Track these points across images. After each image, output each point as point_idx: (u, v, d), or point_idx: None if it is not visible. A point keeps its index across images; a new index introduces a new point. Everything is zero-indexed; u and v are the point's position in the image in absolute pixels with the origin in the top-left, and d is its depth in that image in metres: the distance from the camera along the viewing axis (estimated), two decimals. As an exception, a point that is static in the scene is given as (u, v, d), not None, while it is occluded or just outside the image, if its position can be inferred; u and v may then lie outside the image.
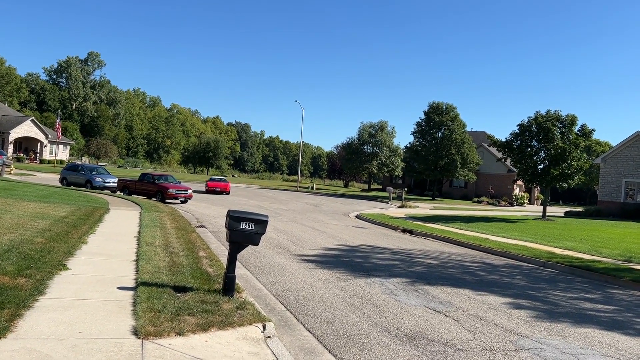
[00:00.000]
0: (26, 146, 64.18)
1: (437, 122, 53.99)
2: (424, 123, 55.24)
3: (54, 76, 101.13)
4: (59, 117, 64.74)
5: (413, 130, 56.39)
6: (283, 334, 6.36)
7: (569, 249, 16.57)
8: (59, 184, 30.52)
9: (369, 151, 66.55)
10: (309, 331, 6.58)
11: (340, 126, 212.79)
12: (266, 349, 5.52)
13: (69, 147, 72.87)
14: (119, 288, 7.04)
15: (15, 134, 60.04)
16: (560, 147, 28.76)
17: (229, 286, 7.05)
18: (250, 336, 5.77)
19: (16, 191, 20.90)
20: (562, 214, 39.14)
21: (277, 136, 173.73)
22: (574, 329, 7.52)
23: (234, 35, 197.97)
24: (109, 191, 28.67)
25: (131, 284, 7.32)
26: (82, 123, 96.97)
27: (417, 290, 9.37)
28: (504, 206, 52.11)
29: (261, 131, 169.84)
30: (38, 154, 64.34)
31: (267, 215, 7.19)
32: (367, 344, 6.16)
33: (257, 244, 7.12)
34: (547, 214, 32.72)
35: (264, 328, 6.03)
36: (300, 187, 63.18)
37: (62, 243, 9.66)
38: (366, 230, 20.77)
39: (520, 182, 54.42)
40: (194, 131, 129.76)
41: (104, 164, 64.18)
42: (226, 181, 40.01)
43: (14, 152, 59.60)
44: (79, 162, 54.75)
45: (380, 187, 71.71)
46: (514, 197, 57.02)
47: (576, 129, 30.06)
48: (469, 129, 58.84)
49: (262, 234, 7.09)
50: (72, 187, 29.35)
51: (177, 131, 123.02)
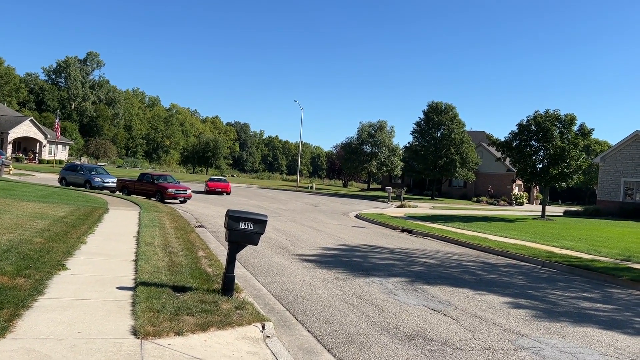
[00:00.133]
0: (25, 146, 64.14)
1: (436, 122, 54.02)
2: (423, 123, 55.27)
3: (53, 76, 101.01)
4: (58, 117, 64.65)
5: (412, 130, 56.48)
6: (282, 333, 6.36)
7: (568, 249, 16.59)
8: (58, 184, 30.51)
9: (368, 151, 66.51)
10: (308, 331, 6.58)
11: (340, 126, 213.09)
12: (265, 348, 5.52)
13: (68, 147, 72.81)
14: (118, 288, 7.04)
15: (14, 134, 60.00)
16: (559, 147, 28.79)
17: (228, 286, 7.05)
18: (250, 336, 5.77)
19: (15, 191, 20.89)
20: (561, 214, 39.18)
21: (277, 136, 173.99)
22: (573, 328, 7.53)
23: (233, 35, 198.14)
24: (108, 191, 28.65)
25: (130, 283, 7.32)
26: (81, 123, 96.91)
27: (416, 290, 9.37)
28: (503, 206, 52.13)
29: (260, 131, 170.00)
30: (37, 154, 64.29)
31: (266, 215, 7.20)
32: (366, 344, 6.17)
33: (256, 244, 7.13)
34: (546, 213, 32.75)
35: (263, 328, 6.03)
36: (299, 186, 63.18)
37: (61, 243, 9.65)
38: (365, 229, 20.78)
39: (519, 182, 54.54)
40: (193, 131, 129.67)
41: (103, 164, 64.13)
42: (226, 181, 39.43)
43: (12, 152, 59.56)
44: (78, 162, 54.74)
45: (380, 186, 71.72)
46: (513, 196, 57.04)
47: (575, 128, 30.08)
48: (468, 128, 58.86)
49: (262, 234, 7.10)
50: (71, 187, 29.34)
51: (176, 131, 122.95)
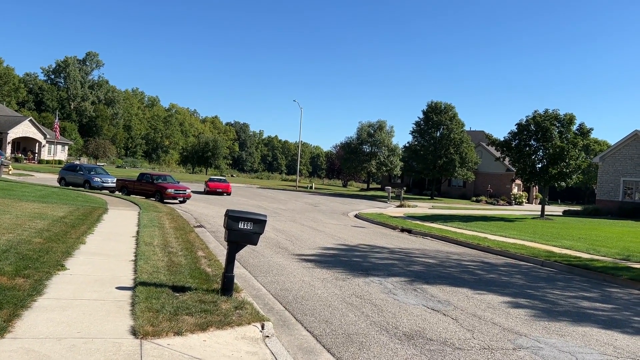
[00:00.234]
0: (24, 146, 64.10)
1: (436, 122, 54.02)
2: (422, 122, 55.27)
3: (52, 76, 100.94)
4: (57, 117, 64.62)
5: (412, 129, 56.47)
6: (282, 333, 6.36)
7: (567, 248, 16.60)
8: (58, 184, 30.49)
9: (367, 151, 66.51)
10: (307, 330, 6.58)
11: (339, 126, 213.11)
12: (265, 348, 5.52)
13: (67, 147, 72.78)
14: (118, 288, 7.04)
15: (13, 134, 59.96)
16: (559, 146, 28.81)
17: (227, 286, 7.05)
18: (249, 336, 5.77)
19: (14, 191, 20.88)
20: (561, 213, 39.19)
21: (276, 136, 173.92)
22: (572, 327, 7.53)
23: (232, 35, 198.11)
24: (107, 191, 28.64)
25: (129, 283, 7.32)
26: (81, 123, 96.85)
27: (415, 290, 9.38)
28: (503, 205, 52.13)
29: (260, 131, 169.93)
30: (36, 154, 64.26)
31: (265, 215, 7.20)
32: (365, 343, 6.17)
33: (255, 244, 7.13)
34: (546, 213, 32.77)
35: (262, 327, 6.03)
36: (299, 186, 63.17)
37: (61, 243, 9.65)
38: (365, 229, 20.78)
39: (518, 181, 54.56)
40: (193, 131, 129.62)
41: (102, 164, 64.11)
42: (227, 181, 39.11)
43: (12, 152, 59.53)
44: (77, 162, 54.70)
45: (379, 186, 71.73)
46: (513, 196, 57.06)
47: (574, 128, 30.10)
48: (467, 128, 58.87)
49: (261, 234, 7.10)
50: (70, 187, 29.32)
51: (176, 131, 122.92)
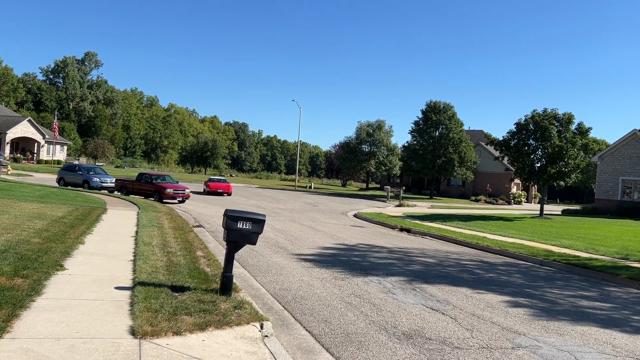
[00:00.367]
0: (23, 146, 64.03)
1: (435, 121, 54.02)
2: (421, 122, 55.26)
3: (51, 76, 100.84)
4: (56, 117, 64.61)
5: (411, 129, 56.43)
6: (281, 333, 6.37)
7: (566, 247, 16.62)
8: (56, 184, 30.46)
9: (366, 150, 66.51)
10: (306, 330, 6.58)
11: (338, 125, 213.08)
12: (264, 348, 5.52)
13: (66, 147, 72.70)
14: (116, 288, 7.03)
15: (12, 134, 59.89)
16: (557, 146, 28.84)
17: (226, 285, 7.05)
18: (248, 335, 5.77)
19: (13, 191, 20.86)
20: (560, 212, 39.21)
21: (275, 135, 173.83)
22: (571, 326, 7.54)
23: (231, 35, 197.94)
24: (106, 191, 28.61)
25: (128, 283, 7.32)
26: (80, 123, 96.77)
27: (414, 289, 9.38)
28: (502, 205, 52.16)
29: (259, 130, 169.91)
30: (35, 155, 64.18)
31: (264, 215, 7.19)
32: (364, 343, 6.17)
33: (254, 244, 7.13)
34: (545, 212, 32.79)
35: (261, 327, 6.03)
36: (298, 186, 63.17)
37: (59, 243, 9.64)
38: (364, 229, 20.79)
39: (517, 181, 54.53)
40: (192, 131, 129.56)
41: (101, 164, 64.07)
42: (227, 182, 38.54)
43: (10, 152, 59.46)
44: (76, 162, 54.68)
45: (378, 186, 71.76)
46: (512, 195, 57.09)
47: (573, 127, 30.12)
48: (466, 127, 58.91)
49: (260, 234, 7.09)
50: (69, 187, 29.30)
51: (175, 131, 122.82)
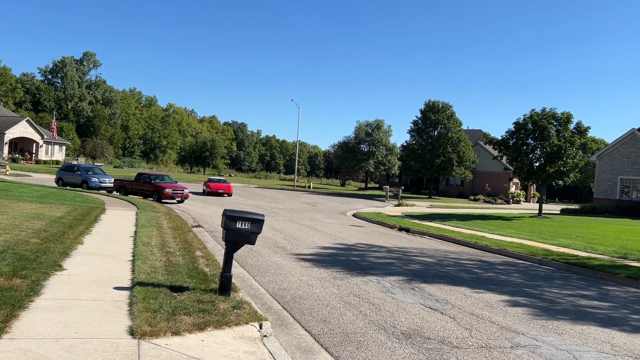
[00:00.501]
0: (21, 147, 63.96)
1: (434, 121, 54.07)
2: (420, 122, 55.30)
3: (49, 76, 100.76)
4: (54, 118, 64.60)
5: (409, 128, 56.50)
6: (280, 332, 6.36)
7: (564, 246, 16.64)
8: (55, 185, 30.44)
9: (365, 150, 66.51)
10: (305, 330, 6.58)
11: (337, 125, 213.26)
12: (263, 348, 5.52)
13: (64, 148, 72.66)
14: (115, 288, 7.03)
15: (10, 134, 59.83)
16: (556, 145, 28.87)
17: (225, 285, 7.05)
18: (247, 335, 5.77)
19: (12, 192, 20.83)
20: (558, 212, 39.27)
21: (274, 135, 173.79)
22: (569, 325, 7.55)
23: (230, 35, 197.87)
24: (105, 191, 28.61)
25: (127, 284, 7.32)
26: (78, 123, 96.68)
27: (413, 289, 9.39)
28: (501, 204, 52.21)
29: (258, 130, 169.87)
30: (34, 155, 64.11)
31: (263, 215, 7.19)
32: (363, 342, 6.17)
33: (253, 243, 7.13)
34: (543, 211, 32.82)
35: (260, 327, 6.03)
36: (297, 186, 63.15)
37: (58, 243, 9.63)
38: (363, 228, 20.79)
39: (516, 180, 54.52)
40: (191, 131, 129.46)
41: (100, 164, 63.99)
42: (227, 182, 37.79)
43: (9, 152, 59.38)
44: (75, 162, 54.65)
45: (377, 185, 71.76)
46: (510, 195, 57.15)
47: (572, 126, 30.16)
48: (465, 127, 58.96)
49: (259, 233, 7.09)
50: (68, 187, 29.29)
51: (174, 131, 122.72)
